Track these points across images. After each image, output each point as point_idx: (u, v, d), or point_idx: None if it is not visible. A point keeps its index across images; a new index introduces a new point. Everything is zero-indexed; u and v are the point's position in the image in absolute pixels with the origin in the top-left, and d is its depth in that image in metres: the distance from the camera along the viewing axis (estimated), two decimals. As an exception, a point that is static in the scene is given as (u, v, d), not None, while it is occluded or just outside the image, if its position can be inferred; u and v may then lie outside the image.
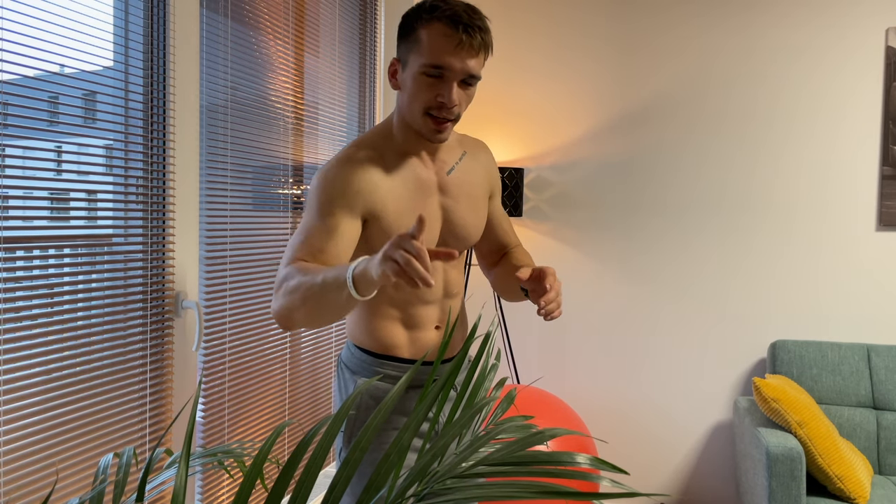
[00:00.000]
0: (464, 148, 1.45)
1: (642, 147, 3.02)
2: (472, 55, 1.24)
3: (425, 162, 1.37)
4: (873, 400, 2.63)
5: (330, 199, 1.24)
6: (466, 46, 1.22)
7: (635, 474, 3.05)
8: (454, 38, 1.21)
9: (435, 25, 1.22)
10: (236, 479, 1.82)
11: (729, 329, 2.94)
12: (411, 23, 1.27)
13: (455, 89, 1.25)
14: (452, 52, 1.22)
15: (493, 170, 1.53)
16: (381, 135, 1.35)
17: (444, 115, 1.26)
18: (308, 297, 1.11)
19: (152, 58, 1.55)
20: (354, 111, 2.58)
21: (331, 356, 2.37)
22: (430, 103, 1.25)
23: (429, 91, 1.25)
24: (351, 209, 1.24)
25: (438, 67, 1.23)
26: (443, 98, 1.24)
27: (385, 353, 1.37)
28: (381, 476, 0.81)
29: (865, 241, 2.80)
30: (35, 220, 1.33)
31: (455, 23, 1.21)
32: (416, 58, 1.25)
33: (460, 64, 1.23)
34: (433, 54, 1.22)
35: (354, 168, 1.27)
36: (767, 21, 2.87)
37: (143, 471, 0.89)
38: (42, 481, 1.28)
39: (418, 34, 1.25)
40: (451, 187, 1.39)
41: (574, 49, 3.08)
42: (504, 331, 3.13)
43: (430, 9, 1.24)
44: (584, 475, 0.83)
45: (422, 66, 1.24)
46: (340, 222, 1.23)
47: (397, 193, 1.30)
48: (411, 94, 1.27)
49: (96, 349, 1.42)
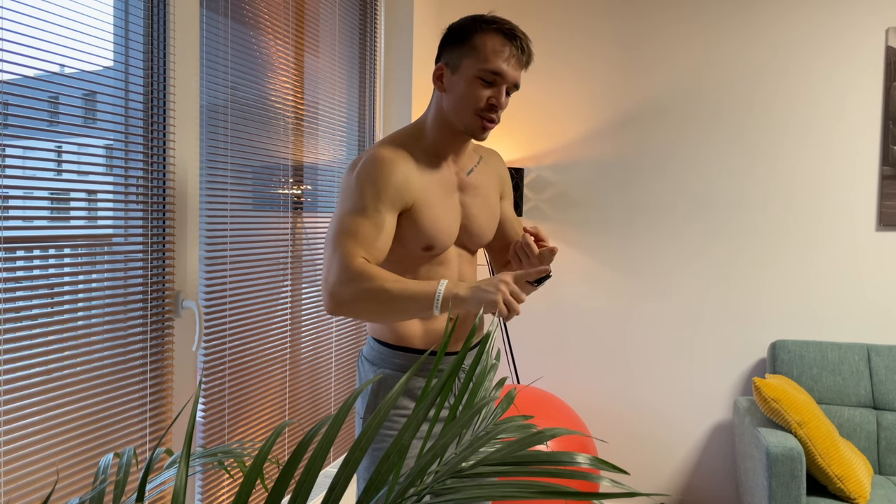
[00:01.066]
0: (479, 154, 1.60)
1: (642, 147, 3.02)
2: (521, 68, 1.41)
3: (449, 164, 1.50)
4: (873, 400, 2.63)
5: (375, 195, 1.35)
6: (518, 59, 1.39)
7: (635, 474, 3.05)
8: (511, 49, 1.38)
9: (493, 36, 1.38)
10: (236, 479, 1.82)
11: (729, 329, 2.94)
12: (468, 31, 1.40)
13: (504, 94, 1.40)
14: (506, 60, 1.38)
15: (505, 174, 1.69)
16: (411, 136, 1.48)
17: (492, 116, 1.41)
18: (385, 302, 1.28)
19: (152, 58, 1.55)
20: (354, 111, 2.58)
21: (331, 356, 2.37)
22: (481, 104, 1.39)
23: (482, 92, 1.39)
24: (392, 205, 1.37)
25: (495, 73, 1.38)
26: (494, 101, 1.39)
27: (401, 344, 1.48)
28: (381, 476, 0.81)
29: (865, 241, 2.80)
30: (35, 220, 1.33)
31: (511, 37, 1.38)
32: (471, 62, 1.39)
33: (512, 73, 1.39)
34: (492, 60, 1.37)
35: (396, 165, 1.38)
36: (767, 21, 2.87)
37: (144, 471, 0.89)
38: (42, 481, 1.28)
39: (475, 42, 1.39)
40: (468, 187, 1.53)
41: (574, 49, 3.08)
42: (504, 331, 3.13)
43: (489, 21, 1.40)
44: (584, 475, 0.83)
45: (479, 71, 1.38)
46: (385, 219, 1.36)
47: (428, 190, 1.42)
48: (464, 95, 1.40)
49: (96, 349, 1.42)
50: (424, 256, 1.46)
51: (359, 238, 1.33)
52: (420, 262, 1.46)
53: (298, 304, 2.16)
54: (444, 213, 1.45)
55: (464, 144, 1.50)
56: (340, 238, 1.33)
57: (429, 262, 1.47)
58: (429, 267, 1.47)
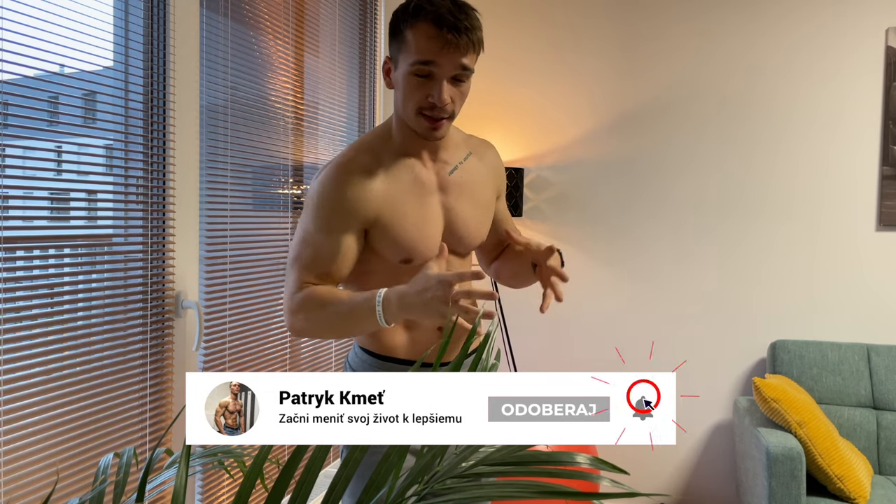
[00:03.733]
0: (469, 148, 1.44)
1: (642, 147, 3.02)
2: (461, 54, 1.21)
3: (425, 162, 1.35)
4: (873, 400, 2.63)
5: (329, 216, 1.25)
6: (453, 47, 1.20)
7: (635, 474, 3.05)
8: (439, 39, 1.19)
9: (419, 26, 1.21)
10: (236, 479, 1.82)
11: (729, 329, 2.93)
12: (398, 23, 1.25)
13: (445, 87, 1.23)
14: (439, 52, 1.20)
15: (500, 170, 1.52)
16: (380, 137, 1.35)
17: (436, 115, 1.25)
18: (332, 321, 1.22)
19: (152, 58, 1.55)
20: (354, 111, 2.58)
21: (330, 356, 2.37)
22: (421, 103, 1.24)
23: (419, 91, 1.23)
24: (349, 225, 1.26)
25: (426, 63, 1.21)
26: (433, 98, 1.22)
27: (386, 354, 1.38)
28: (381, 476, 0.81)
29: (865, 240, 2.80)
30: (35, 220, 1.33)
31: (439, 24, 1.19)
32: (404, 57, 1.24)
33: (448, 63, 1.21)
34: (419, 54, 1.21)
35: (351, 180, 1.26)
36: (767, 21, 2.87)
37: (144, 471, 0.89)
38: (42, 481, 1.28)
39: (404, 35, 1.23)
40: (452, 187, 1.37)
41: (574, 49, 3.07)
42: (504, 331, 3.13)
43: (414, 10, 1.22)
44: (584, 475, 0.83)
45: (410, 66, 1.22)
46: (343, 241, 1.26)
47: (396, 196, 1.29)
48: (404, 94, 1.26)
49: (96, 349, 1.41)
50: (406, 268, 1.31)
51: (308, 264, 1.25)
52: (402, 273, 1.29)
53: (298, 304, 2.16)
54: (420, 221, 1.31)
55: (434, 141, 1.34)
56: (292, 265, 1.27)
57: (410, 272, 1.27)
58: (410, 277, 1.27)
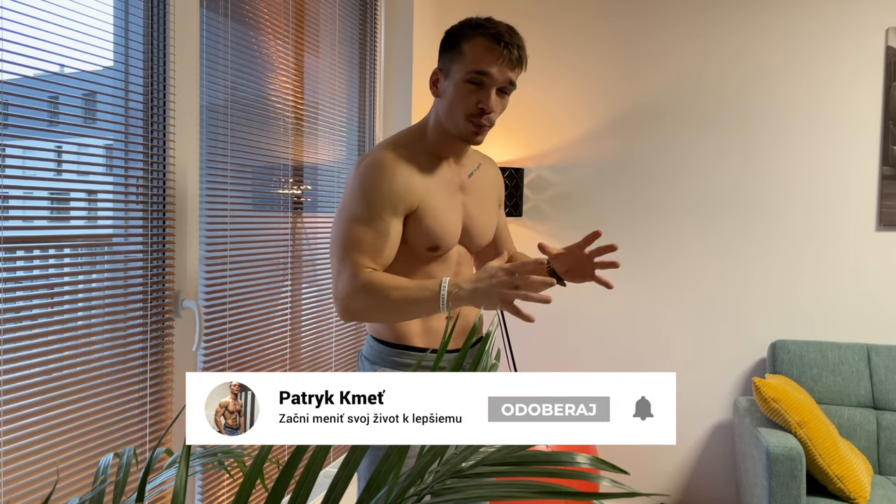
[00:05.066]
0: (478, 160, 1.63)
1: (642, 147, 3.02)
2: (510, 68, 1.39)
3: (451, 165, 1.52)
4: (873, 400, 2.63)
5: (376, 203, 1.36)
6: (506, 60, 1.37)
7: (635, 474, 3.05)
8: (496, 52, 1.37)
9: (478, 40, 1.38)
10: (236, 479, 1.82)
11: (729, 329, 2.94)
12: (456, 37, 1.41)
13: (493, 96, 1.39)
14: (493, 63, 1.37)
15: (500, 182, 1.73)
16: (414, 136, 1.49)
17: (482, 121, 1.41)
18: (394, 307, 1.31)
19: (152, 58, 1.55)
20: (354, 111, 2.58)
21: (331, 356, 2.37)
22: (470, 109, 1.39)
23: (471, 97, 1.39)
24: (395, 210, 1.38)
25: (481, 74, 1.37)
26: (482, 104, 1.38)
27: (401, 342, 1.49)
28: (381, 476, 0.81)
29: (865, 241, 2.80)
30: (35, 220, 1.33)
31: (497, 39, 1.37)
32: (459, 67, 1.39)
33: (500, 74, 1.38)
34: (476, 63, 1.37)
35: (395, 170, 1.39)
36: (767, 21, 2.87)
37: (144, 471, 0.89)
38: (42, 481, 1.28)
39: (462, 47, 1.39)
40: (470, 189, 1.55)
41: (574, 49, 3.08)
42: (504, 331, 3.13)
43: (475, 26, 1.39)
44: (584, 475, 0.83)
45: (465, 74, 1.38)
46: (390, 226, 1.37)
47: (432, 188, 1.44)
48: (453, 100, 1.40)
49: (96, 349, 1.41)
50: (427, 256, 1.47)
51: (364, 248, 1.35)
52: (422, 261, 1.48)
53: (298, 304, 2.17)
54: (448, 213, 1.47)
55: (464, 147, 1.52)
56: (347, 249, 1.36)
57: (430, 261, 1.48)
58: (430, 266, 1.49)
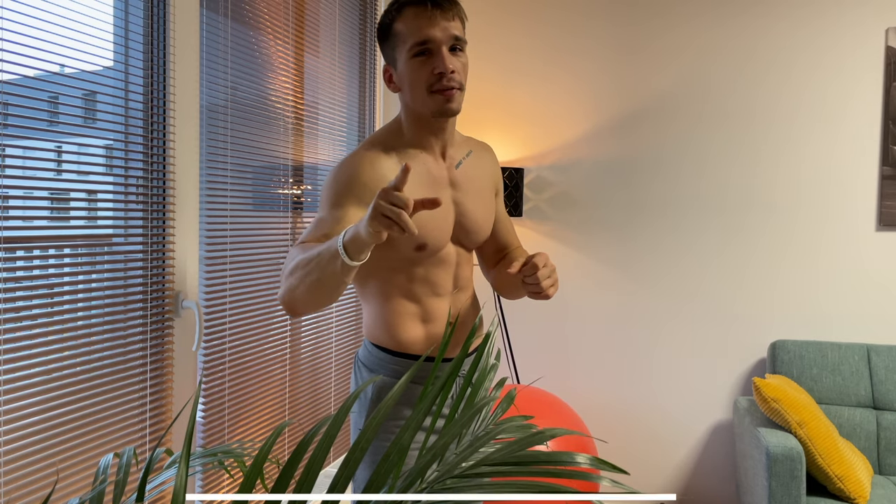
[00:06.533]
0: (469, 147, 1.51)
1: (642, 147, 3.02)
2: (448, 20, 1.30)
3: (436, 157, 1.41)
4: (873, 400, 2.63)
5: (339, 193, 1.29)
6: (439, 16, 1.29)
7: (635, 474, 3.05)
8: (426, 13, 1.29)
9: (405, 12, 1.31)
10: (236, 479, 1.82)
11: (729, 329, 2.94)
12: (386, 24, 1.35)
13: (446, 55, 1.30)
14: (430, 26, 1.29)
15: (497, 169, 1.59)
16: (391, 133, 1.41)
17: (447, 84, 1.30)
18: (306, 273, 1.16)
19: (152, 58, 1.55)
20: (354, 111, 2.58)
21: (331, 356, 2.37)
22: (429, 79, 1.30)
23: (423, 69, 1.30)
24: (359, 200, 1.28)
25: (423, 42, 1.29)
26: (439, 68, 1.29)
27: (400, 350, 1.41)
28: (381, 476, 0.81)
29: (865, 241, 2.80)
30: (35, 220, 1.33)
31: (422, 2, 1.29)
32: (400, 49, 1.32)
33: (441, 33, 1.29)
34: (414, 33, 1.30)
35: (363, 163, 1.32)
36: (767, 21, 2.87)
37: (144, 471, 0.89)
38: (42, 481, 1.28)
39: (394, 28, 1.33)
40: (461, 182, 1.44)
41: (574, 49, 3.08)
42: (504, 331, 3.13)
43: (396, 5, 1.33)
44: (584, 475, 0.83)
45: (409, 51, 1.30)
46: (348, 212, 1.27)
47: (411, 187, 1.31)
48: (411, 80, 1.32)
49: (96, 349, 1.41)
50: (419, 257, 1.38)
51: (313, 232, 1.26)
52: (416, 264, 1.39)
53: (298, 304, 2.16)
54: (434, 212, 1.36)
55: (444, 132, 1.39)
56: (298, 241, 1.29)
57: (424, 263, 1.39)
58: (425, 269, 1.40)
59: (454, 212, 1.43)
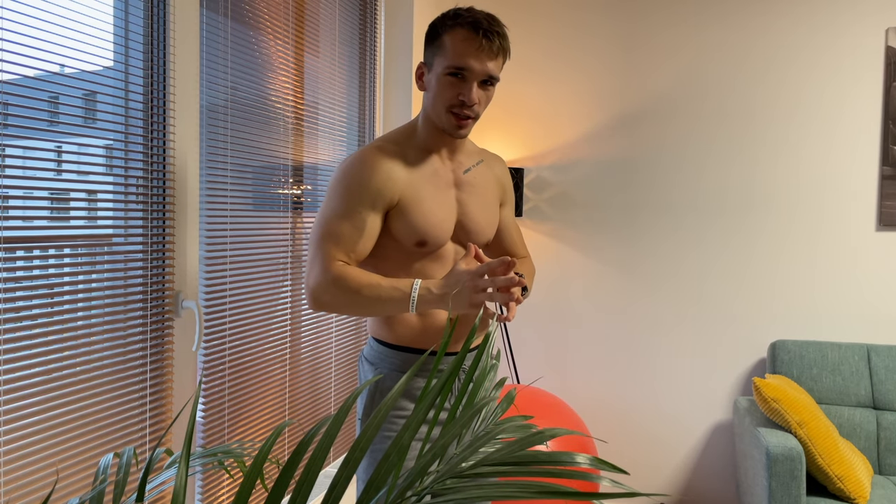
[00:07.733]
0: (482, 157, 1.60)
1: (642, 147, 3.02)
2: (491, 58, 1.36)
3: (444, 160, 1.49)
4: (873, 400, 2.63)
5: (354, 198, 1.37)
6: (486, 50, 1.35)
7: (635, 474, 3.05)
8: (475, 42, 1.34)
9: (457, 31, 1.36)
10: (236, 479, 1.82)
11: (729, 329, 2.94)
12: (436, 29, 1.40)
13: (475, 89, 1.37)
14: (473, 54, 1.35)
15: (507, 181, 1.67)
16: (404, 133, 1.48)
17: (465, 113, 1.38)
18: (361, 297, 1.32)
19: (152, 58, 1.55)
20: (354, 111, 2.58)
21: (331, 356, 2.37)
22: (452, 101, 1.38)
23: (451, 90, 1.37)
24: (373, 205, 1.37)
25: (460, 69, 1.36)
26: (464, 97, 1.36)
27: (400, 344, 1.48)
28: (380, 476, 0.81)
29: (865, 241, 2.80)
30: (35, 220, 1.33)
31: (476, 28, 1.34)
32: (440, 60, 1.38)
33: (480, 66, 1.36)
34: (455, 57, 1.35)
35: (374, 165, 1.38)
36: (767, 21, 2.87)
37: (143, 471, 0.89)
38: (42, 481, 1.28)
39: (442, 39, 1.38)
40: (465, 185, 1.51)
41: (574, 49, 3.08)
42: (504, 331, 3.13)
43: (453, 16, 1.37)
44: (584, 475, 0.83)
45: (445, 68, 1.37)
46: (367, 220, 1.37)
47: (417, 183, 1.41)
48: (436, 93, 1.39)
49: (96, 349, 1.42)
50: (419, 252, 1.44)
51: (339, 241, 1.36)
52: (414, 259, 1.44)
53: (298, 304, 2.16)
54: (436, 208, 1.43)
55: (454, 140, 1.48)
56: (321, 242, 1.37)
57: (423, 258, 1.45)
58: (423, 263, 1.45)
59: (456, 211, 1.48)
